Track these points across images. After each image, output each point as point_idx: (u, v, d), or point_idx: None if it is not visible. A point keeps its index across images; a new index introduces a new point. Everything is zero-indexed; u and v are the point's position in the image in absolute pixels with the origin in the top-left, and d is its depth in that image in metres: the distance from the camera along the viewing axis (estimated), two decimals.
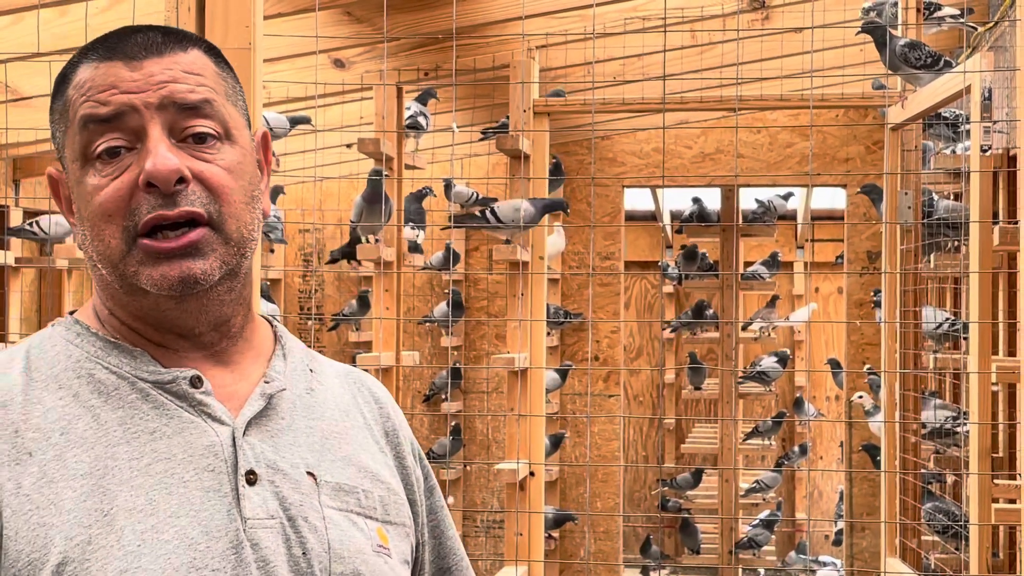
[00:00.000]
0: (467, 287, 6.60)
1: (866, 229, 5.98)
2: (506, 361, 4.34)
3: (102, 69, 1.17)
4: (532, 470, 4.42)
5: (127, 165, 1.16)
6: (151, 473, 1.12)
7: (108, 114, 1.16)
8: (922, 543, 4.33)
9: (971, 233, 3.45)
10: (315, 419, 1.25)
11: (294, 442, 1.21)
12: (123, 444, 1.13)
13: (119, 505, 1.10)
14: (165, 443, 1.14)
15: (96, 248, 1.17)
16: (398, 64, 4.51)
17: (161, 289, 1.15)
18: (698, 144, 6.28)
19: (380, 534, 1.22)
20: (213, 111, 1.19)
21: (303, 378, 1.27)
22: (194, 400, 1.17)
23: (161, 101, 1.16)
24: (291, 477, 1.18)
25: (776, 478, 6.92)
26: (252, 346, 1.26)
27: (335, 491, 1.21)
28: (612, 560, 6.32)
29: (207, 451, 1.15)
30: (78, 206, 1.19)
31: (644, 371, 9.53)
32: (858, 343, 6.05)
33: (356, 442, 1.27)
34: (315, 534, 1.16)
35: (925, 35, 4.38)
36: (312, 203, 6.39)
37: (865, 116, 5.79)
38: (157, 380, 1.17)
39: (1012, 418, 4.15)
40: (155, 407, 1.16)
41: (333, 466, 1.22)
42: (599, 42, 4.42)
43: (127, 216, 1.15)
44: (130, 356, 1.19)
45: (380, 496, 1.25)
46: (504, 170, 5.99)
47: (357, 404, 1.32)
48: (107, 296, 1.22)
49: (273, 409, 1.21)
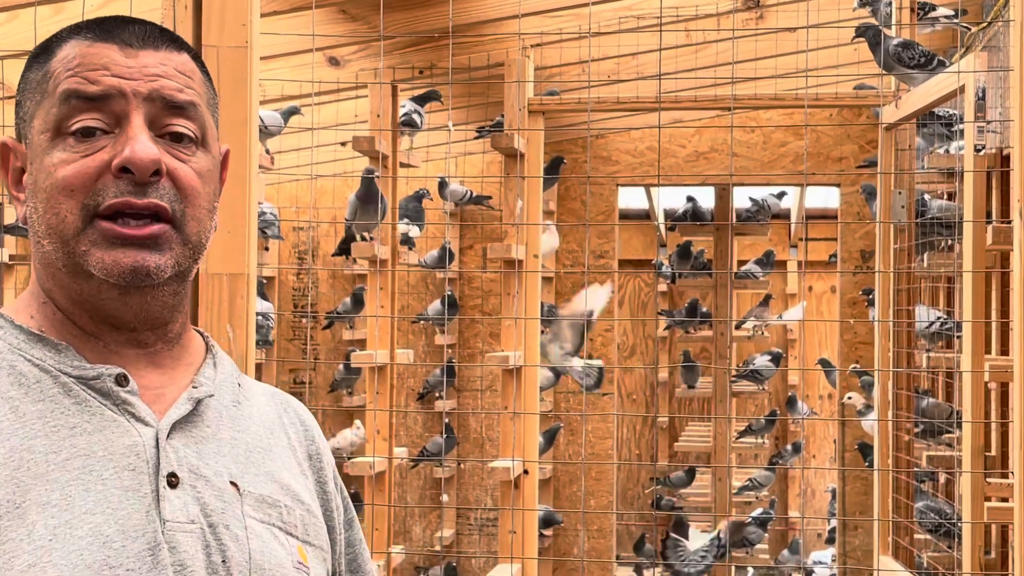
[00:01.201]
0: (461, 285, 6.60)
1: (859, 228, 5.99)
2: (500, 359, 4.35)
3: (96, 49, 1.16)
4: (526, 468, 4.42)
5: (101, 146, 1.14)
6: (68, 468, 1.09)
7: (95, 93, 1.15)
8: (915, 541, 4.34)
9: (965, 232, 3.46)
10: (240, 431, 1.22)
11: (218, 451, 1.18)
12: (41, 437, 1.10)
13: (32, 499, 1.07)
14: (85, 439, 1.11)
15: (47, 221, 1.15)
16: (393, 62, 4.51)
17: (109, 275, 1.13)
18: (692, 143, 6.28)
19: (300, 552, 1.20)
20: (196, 115, 1.19)
21: (231, 390, 1.25)
22: (118, 398, 1.14)
23: (150, 93, 1.16)
24: (214, 484, 1.15)
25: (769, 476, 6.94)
26: (187, 352, 1.24)
27: (258, 503, 1.18)
28: (606, 558, 6.33)
29: (128, 450, 1.12)
30: (35, 178, 1.16)
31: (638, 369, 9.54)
32: (851, 342, 6.06)
33: (279, 460, 1.25)
34: (236, 543, 1.13)
35: (919, 35, 4.39)
36: (306, 201, 6.39)
37: (859, 116, 5.80)
38: (81, 375, 1.14)
39: (1005, 417, 4.16)
40: (77, 402, 1.13)
41: (256, 479, 1.20)
42: (594, 41, 4.43)
43: (89, 195, 1.13)
44: (55, 350, 1.16)
45: (301, 515, 1.22)
46: (499, 168, 5.99)
47: (283, 424, 1.29)
48: (47, 276, 1.19)
49: (199, 416, 1.19)
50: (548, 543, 6.30)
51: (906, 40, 3.99)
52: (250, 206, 1.89)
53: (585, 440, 6.38)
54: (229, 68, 1.91)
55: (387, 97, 4.47)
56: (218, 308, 1.88)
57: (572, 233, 6.31)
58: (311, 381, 6.67)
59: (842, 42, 4.73)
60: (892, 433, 4.33)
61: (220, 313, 1.88)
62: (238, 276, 1.88)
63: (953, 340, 4.27)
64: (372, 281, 4.57)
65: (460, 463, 6.56)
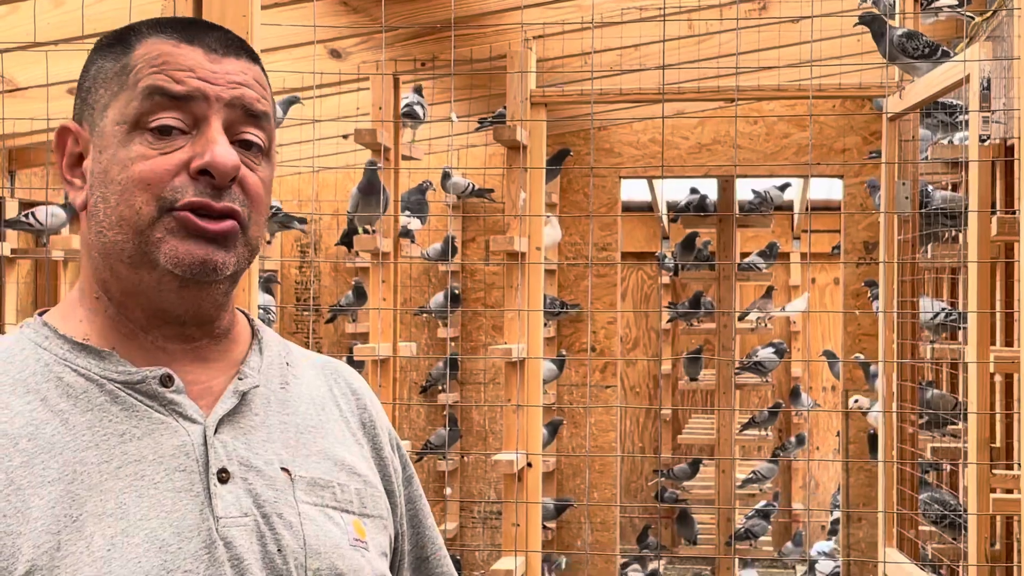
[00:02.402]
0: (464, 278, 6.59)
1: (863, 219, 5.98)
2: (503, 352, 4.34)
3: (182, 50, 1.18)
4: (529, 461, 4.42)
5: (179, 146, 1.16)
6: (121, 476, 1.11)
7: (180, 92, 1.16)
8: (920, 533, 4.33)
9: (969, 223, 3.45)
10: (289, 414, 1.24)
11: (268, 438, 1.20)
12: (92, 448, 1.12)
13: (88, 511, 1.09)
14: (135, 445, 1.13)
15: (120, 213, 1.16)
16: (395, 54, 4.50)
17: (178, 265, 1.15)
18: (695, 135, 6.27)
19: (357, 527, 1.22)
20: (268, 125, 1.23)
21: (278, 372, 1.27)
22: (164, 399, 1.16)
23: (232, 99, 1.18)
24: (265, 474, 1.17)
25: (773, 469, 6.93)
26: (234, 345, 1.26)
27: (310, 486, 1.20)
28: (609, 550, 6.33)
29: (178, 451, 1.14)
30: (106, 167, 1.17)
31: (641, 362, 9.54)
32: (855, 334, 6.05)
33: (332, 435, 1.26)
34: (290, 530, 1.16)
35: (922, 25, 4.37)
36: (309, 194, 6.38)
37: (862, 106, 5.78)
38: (126, 380, 1.16)
39: (1009, 408, 4.15)
40: (124, 409, 1.15)
41: (308, 461, 1.22)
42: (596, 32, 4.41)
43: (166, 191, 1.15)
44: (98, 357, 1.17)
45: (356, 489, 1.24)
46: (501, 160, 5.98)
47: (333, 396, 1.31)
48: (105, 266, 1.19)
49: (246, 405, 1.21)
50: (551, 536, 6.30)
51: (910, 30, 3.97)
52: None
53: (588, 433, 6.37)
54: None
55: (389, 89, 4.46)
56: None
57: (575, 225, 6.30)
58: None
59: (845, 33, 4.71)
60: (896, 425, 4.32)
61: None
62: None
63: (957, 331, 4.26)
64: (375, 274, 4.56)
65: (463, 456, 6.56)
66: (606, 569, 6.34)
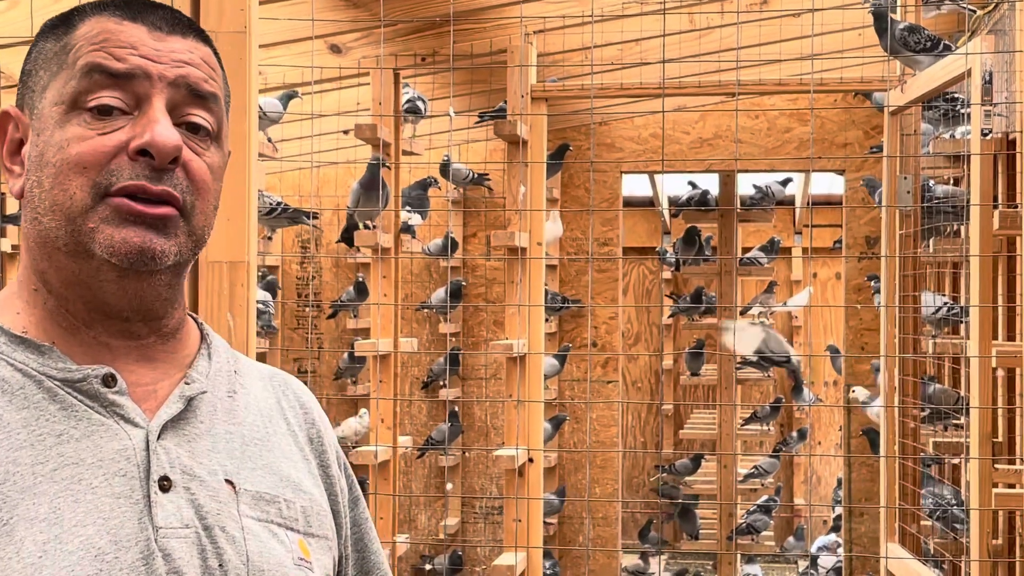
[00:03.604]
0: (465, 273, 6.59)
1: (864, 214, 5.97)
2: (504, 347, 4.33)
3: (124, 27, 1.13)
4: (531, 456, 4.41)
5: (118, 126, 1.10)
6: (56, 479, 1.05)
7: (120, 70, 1.11)
8: (921, 528, 4.32)
9: (971, 217, 3.44)
10: (236, 424, 1.18)
11: (213, 447, 1.14)
12: (27, 448, 1.05)
13: (19, 514, 1.03)
14: (72, 447, 1.07)
15: (53, 197, 1.10)
16: (395, 49, 4.49)
17: (114, 254, 1.09)
18: (696, 130, 6.26)
19: (302, 546, 1.16)
20: (216, 108, 1.17)
21: (226, 380, 1.21)
22: (106, 400, 1.10)
23: (176, 79, 1.13)
24: (208, 484, 1.11)
25: (774, 463, 6.92)
26: (182, 346, 1.20)
27: (255, 500, 1.14)
28: (611, 546, 6.33)
29: (118, 455, 1.08)
30: (42, 151, 1.12)
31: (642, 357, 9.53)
32: (857, 328, 6.04)
33: (278, 449, 1.21)
34: (233, 545, 1.10)
35: (924, 18, 4.36)
36: (309, 189, 6.37)
37: (864, 101, 5.77)
38: (66, 378, 1.10)
39: (1012, 403, 4.14)
40: (63, 408, 1.08)
41: (253, 474, 1.16)
42: (597, 27, 4.40)
43: (102, 174, 1.09)
44: (38, 352, 1.11)
45: (302, 507, 1.19)
46: (502, 155, 5.97)
47: (281, 409, 1.25)
48: (43, 256, 1.14)
49: (192, 412, 1.15)
50: (553, 531, 6.30)
51: (912, 24, 3.96)
52: (250, 193, 1.88)
53: (590, 428, 6.37)
54: (228, 54, 1.88)
55: (389, 84, 4.45)
56: (218, 296, 1.87)
57: (576, 220, 6.29)
58: (315, 370, 6.66)
59: (847, 27, 4.70)
60: (898, 420, 4.32)
61: (220, 301, 1.87)
62: (238, 264, 1.87)
63: (959, 325, 4.25)
64: (375, 269, 4.55)
65: (465, 452, 6.56)
66: (608, 564, 6.34)
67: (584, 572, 6.28)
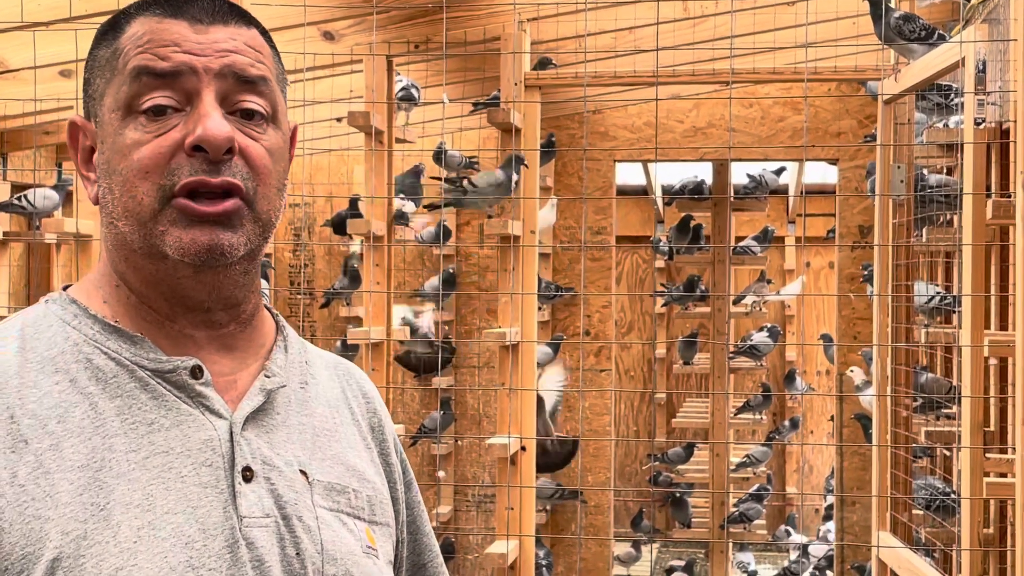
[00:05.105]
0: (458, 261, 6.58)
1: (858, 203, 5.96)
2: (497, 336, 4.33)
3: (165, 25, 1.14)
4: (523, 444, 4.41)
5: (173, 125, 1.13)
6: (148, 467, 1.09)
7: (165, 70, 1.13)
8: (913, 517, 4.33)
9: (964, 206, 3.44)
10: (307, 415, 1.23)
11: (288, 438, 1.19)
12: (120, 435, 1.10)
13: (115, 499, 1.07)
14: (163, 436, 1.11)
15: (124, 204, 1.13)
16: (388, 36, 4.47)
17: (186, 255, 1.12)
18: (690, 118, 6.25)
19: (368, 535, 1.21)
20: (267, 90, 1.18)
21: (298, 371, 1.25)
22: (193, 391, 1.14)
23: (221, 69, 1.14)
24: (285, 474, 1.16)
25: (767, 452, 6.94)
26: (259, 334, 1.24)
27: (326, 490, 1.19)
28: (603, 534, 6.33)
29: (205, 445, 1.13)
30: (108, 158, 1.15)
31: (635, 345, 9.53)
32: (849, 317, 6.05)
33: (345, 439, 1.25)
34: (308, 534, 1.15)
35: (918, 7, 4.35)
36: (302, 177, 6.36)
37: (858, 90, 5.76)
38: (157, 368, 1.14)
39: (1003, 392, 4.15)
40: (153, 397, 1.13)
41: (323, 464, 1.21)
42: (591, 15, 4.39)
43: (164, 175, 1.12)
44: (130, 342, 1.15)
45: (368, 496, 1.23)
46: (495, 143, 5.96)
47: (346, 398, 1.30)
48: (121, 258, 1.17)
49: (270, 404, 1.19)
50: (546, 519, 6.30)
51: (907, 13, 3.95)
52: None
53: (582, 416, 6.37)
54: None
55: (382, 72, 4.43)
56: None
57: (569, 209, 6.28)
58: None
59: (841, 15, 4.69)
60: (891, 409, 4.32)
61: None
62: None
63: (952, 315, 4.26)
64: (368, 257, 4.54)
65: (457, 440, 6.56)
66: (600, 553, 6.35)
67: (576, 560, 6.29)
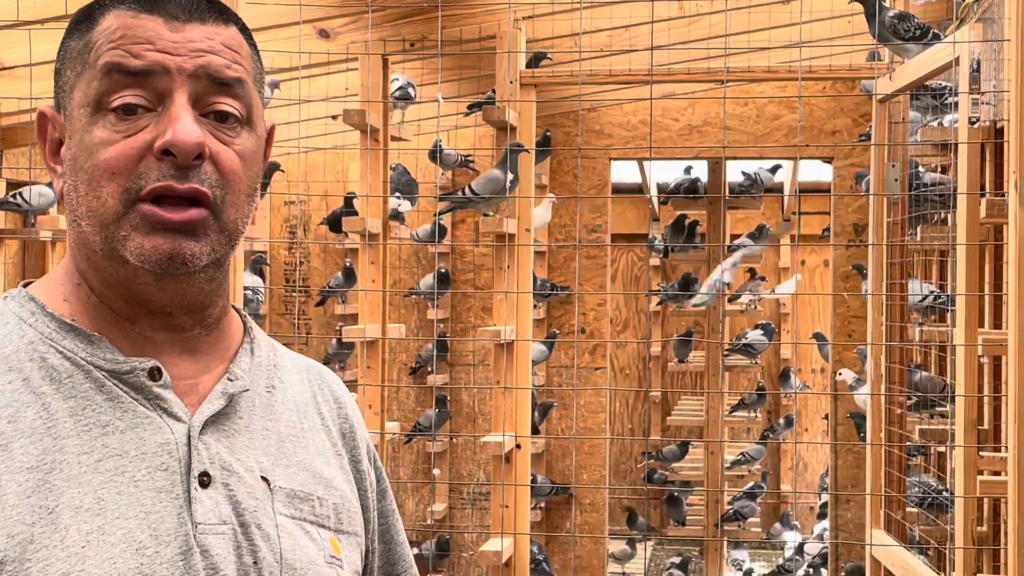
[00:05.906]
0: (453, 259, 6.58)
1: (852, 202, 5.97)
2: (492, 334, 4.33)
3: (140, 20, 1.10)
4: (518, 442, 4.42)
5: (143, 126, 1.09)
6: (101, 470, 1.06)
7: (138, 68, 1.09)
8: (907, 515, 4.34)
9: (958, 205, 3.45)
10: (272, 420, 1.19)
11: (250, 443, 1.15)
12: (73, 437, 1.06)
13: (65, 502, 1.04)
14: (117, 438, 1.08)
15: (88, 203, 1.10)
16: (384, 34, 4.47)
17: (146, 262, 1.09)
18: (685, 117, 6.26)
19: (333, 544, 1.18)
20: (243, 92, 1.14)
21: (265, 375, 1.22)
22: (151, 393, 1.11)
23: (196, 70, 1.11)
24: (245, 481, 1.12)
25: (761, 450, 6.95)
26: (224, 337, 1.20)
27: (289, 498, 1.16)
28: (598, 532, 6.34)
29: (161, 449, 1.09)
30: (75, 154, 1.11)
31: (631, 344, 9.54)
32: (844, 316, 6.06)
33: (312, 445, 1.22)
34: (267, 542, 1.11)
35: (913, 6, 4.36)
36: (297, 175, 6.36)
37: (852, 88, 5.77)
38: (114, 369, 1.11)
39: (997, 390, 4.16)
40: (109, 399, 1.09)
41: (287, 471, 1.17)
42: (586, 13, 4.39)
43: (131, 178, 1.08)
44: (87, 341, 1.11)
45: (334, 504, 1.20)
46: (491, 141, 5.96)
47: (316, 403, 1.26)
48: (82, 256, 1.14)
49: (232, 408, 1.16)
50: (540, 517, 6.31)
51: (902, 12, 3.96)
52: None
53: (577, 414, 6.37)
54: None
55: (377, 70, 4.43)
56: None
57: (564, 207, 6.28)
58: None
59: (836, 14, 4.70)
60: (885, 407, 4.33)
61: None
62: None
63: (946, 313, 4.26)
64: (363, 255, 4.54)
65: (452, 438, 6.56)
66: (594, 550, 6.35)
67: (571, 558, 6.30)
